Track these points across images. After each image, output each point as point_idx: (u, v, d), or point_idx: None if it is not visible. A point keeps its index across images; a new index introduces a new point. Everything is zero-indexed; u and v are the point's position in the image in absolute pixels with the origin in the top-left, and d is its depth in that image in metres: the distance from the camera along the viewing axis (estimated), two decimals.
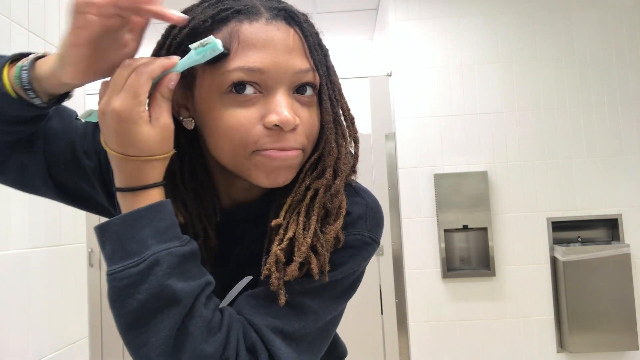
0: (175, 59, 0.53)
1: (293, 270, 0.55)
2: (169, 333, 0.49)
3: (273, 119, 0.54)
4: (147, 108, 0.52)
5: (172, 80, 0.53)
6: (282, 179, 0.58)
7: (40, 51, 0.58)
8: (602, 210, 2.64)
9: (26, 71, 0.55)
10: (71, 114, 0.69)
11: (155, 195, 0.54)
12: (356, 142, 0.64)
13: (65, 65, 0.52)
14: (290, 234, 0.57)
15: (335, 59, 0.63)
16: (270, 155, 0.56)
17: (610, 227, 2.66)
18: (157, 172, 0.54)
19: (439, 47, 2.75)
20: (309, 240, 0.56)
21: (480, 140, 2.70)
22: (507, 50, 2.73)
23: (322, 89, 0.60)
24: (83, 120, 0.64)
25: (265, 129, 0.55)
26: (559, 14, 2.73)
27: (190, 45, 0.53)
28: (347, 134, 0.63)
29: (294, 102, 0.57)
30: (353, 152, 0.64)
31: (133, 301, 0.49)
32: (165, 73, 0.53)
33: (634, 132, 2.66)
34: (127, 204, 0.53)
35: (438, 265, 2.64)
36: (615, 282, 2.49)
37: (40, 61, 0.56)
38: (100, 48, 0.51)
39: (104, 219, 0.55)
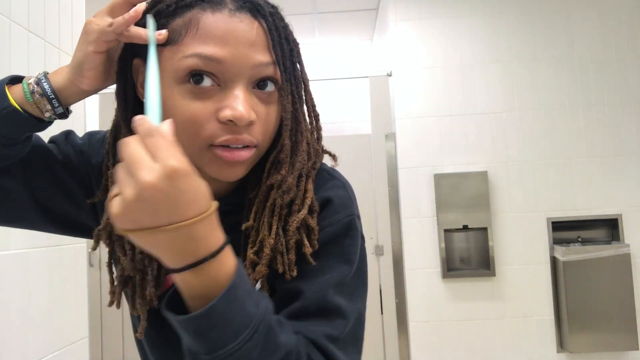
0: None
1: (261, 270, 0.57)
2: None
3: (227, 113, 0.54)
4: None
5: None
6: (234, 176, 0.58)
7: (40, 65, 0.62)
8: (602, 210, 2.64)
9: (46, 82, 0.58)
10: (40, 138, 0.67)
11: (230, 254, 0.49)
12: (319, 139, 0.65)
13: (84, 71, 0.57)
14: (261, 236, 0.58)
15: (335, 59, 0.62)
16: (221, 156, 0.56)
17: (610, 227, 2.66)
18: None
19: (439, 47, 2.75)
20: (272, 242, 0.57)
21: (480, 140, 2.70)
22: (507, 50, 2.73)
23: (283, 85, 0.59)
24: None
25: (219, 123, 0.55)
26: (559, 14, 2.73)
27: None
28: (308, 130, 0.63)
29: (253, 97, 0.56)
30: (318, 149, 0.64)
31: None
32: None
33: (634, 132, 2.66)
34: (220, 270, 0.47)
35: (438, 265, 2.64)
36: (615, 282, 2.49)
37: (51, 74, 0.59)
38: (111, 53, 0.59)
39: None
